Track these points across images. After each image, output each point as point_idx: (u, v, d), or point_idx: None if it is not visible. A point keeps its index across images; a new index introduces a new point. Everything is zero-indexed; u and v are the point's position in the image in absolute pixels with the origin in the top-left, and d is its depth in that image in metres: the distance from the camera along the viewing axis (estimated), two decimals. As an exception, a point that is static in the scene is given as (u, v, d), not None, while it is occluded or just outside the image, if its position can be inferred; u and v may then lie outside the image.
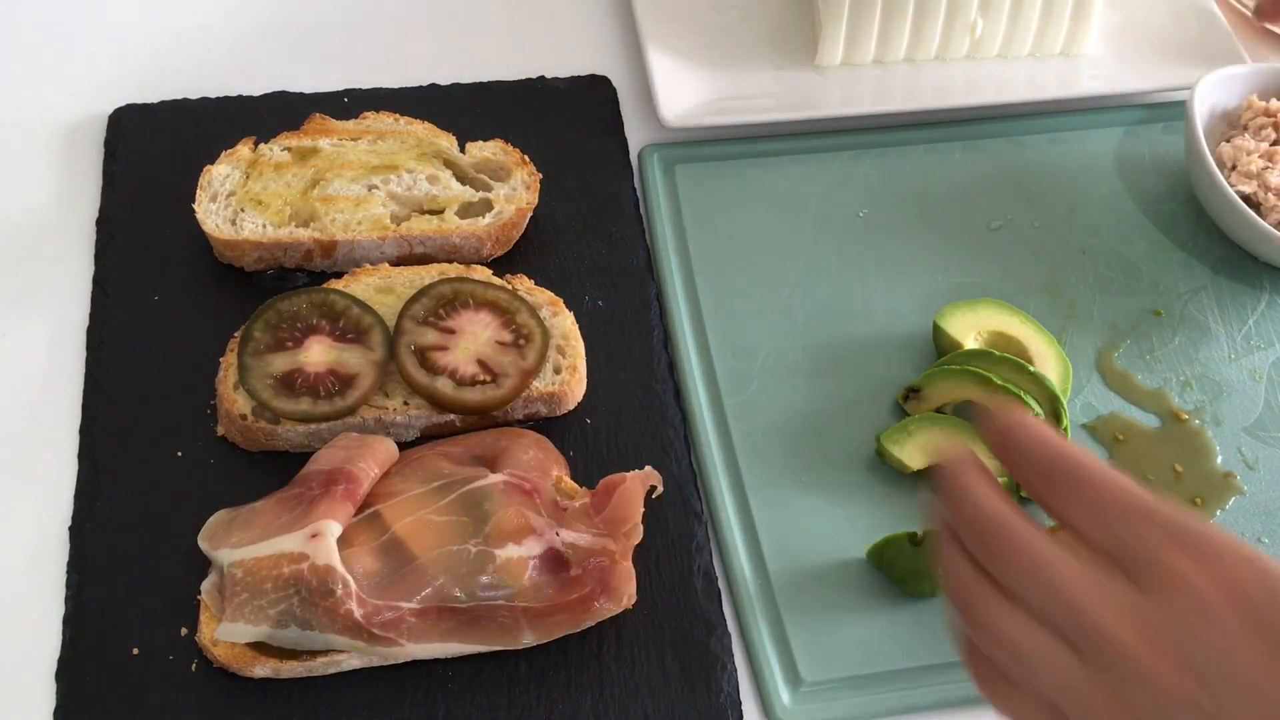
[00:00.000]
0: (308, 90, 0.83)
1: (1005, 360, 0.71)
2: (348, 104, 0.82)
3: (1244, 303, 0.80)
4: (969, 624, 0.49)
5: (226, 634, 0.58)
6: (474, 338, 0.68)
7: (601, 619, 0.61)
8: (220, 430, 0.68)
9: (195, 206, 0.73)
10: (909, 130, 0.85)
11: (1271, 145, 0.81)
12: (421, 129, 0.78)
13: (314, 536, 0.59)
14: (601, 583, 0.61)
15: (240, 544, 0.60)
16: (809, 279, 0.77)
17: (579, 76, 0.85)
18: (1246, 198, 0.79)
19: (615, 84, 0.85)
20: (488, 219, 0.74)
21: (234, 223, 0.73)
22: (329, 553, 0.58)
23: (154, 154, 0.79)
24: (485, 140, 0.78)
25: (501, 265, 0.75)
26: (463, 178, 0.77)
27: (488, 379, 0.67)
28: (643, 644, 0.64)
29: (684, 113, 0.80)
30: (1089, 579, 0.46)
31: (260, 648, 0.59)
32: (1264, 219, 0.78)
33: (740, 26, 0.86)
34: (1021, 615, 0.47)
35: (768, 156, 0.83)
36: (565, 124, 0.83)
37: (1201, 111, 0.81)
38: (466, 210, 0.76)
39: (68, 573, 0.64)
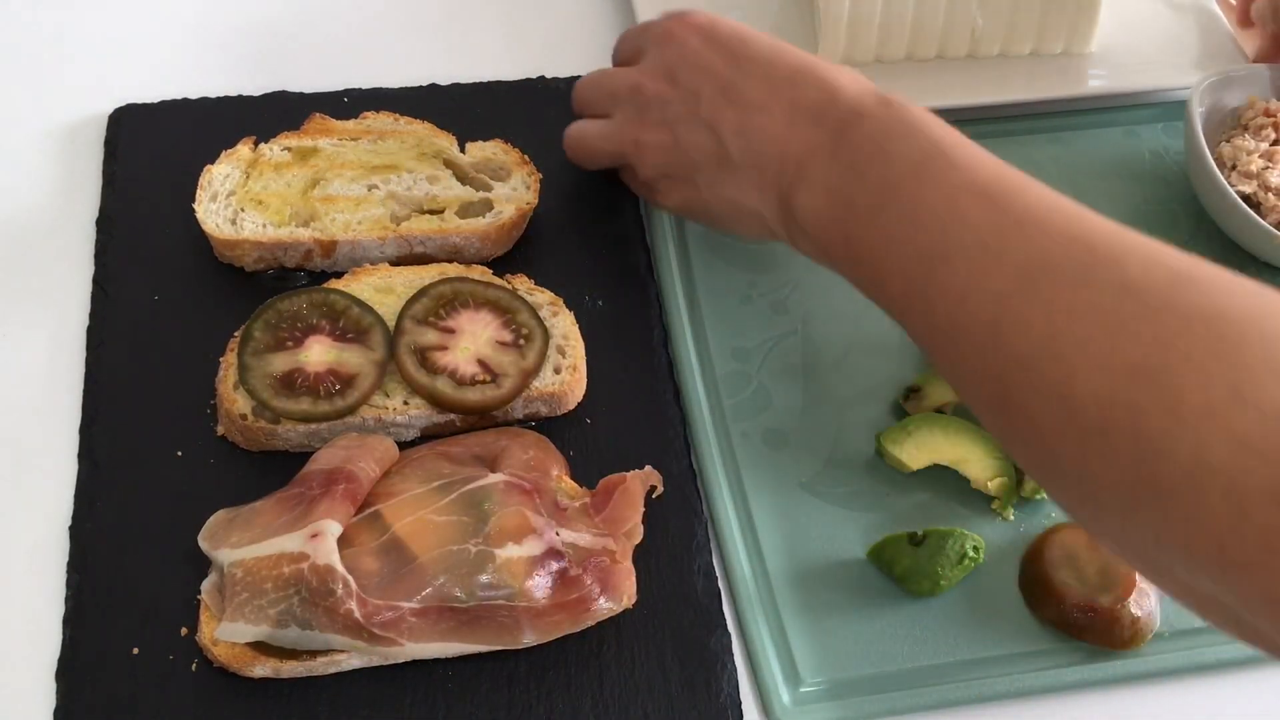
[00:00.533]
0: (308, 90, 0.83)
1: (1005, 360, 0.71)
2: (348, 104, 0.82)
3: (1244, 303, 0.79)
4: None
5: (226, 634, 0.58)
6: (474, 338, 0.68)
7: (601, 619, 0.61)
8: (220, 430, 0.68)
9: (195, 206, 0.73)
10: (909, 130, 0.85)
11: (1271, 145, 0.81)
12: (421, 129, 0.78)
13: (314, 536, 0.59)
14: (601, 583, 0.61)
15: (240, 544, 0.60)
16: (809, 278, 0.77)
17: (579, 76, 0.85)
18: (1246, 198, 0.79)
19: (615, 84, 0.85)
20: (488, 219, 0.74)
21: (234, 222, 0.73)
22: (329, 552, 0.58)
23: (154, 154, 0.79)
24: (485, 140, 0.78)
25: (501, 265, 0.75)
26: (463, 178, 0.77)
27: (488, 379, 0.67)
28: (643, 644, 0.64)
29: None
30: (620, 74, 0.73)
31: (260, 648, 0.59)
32: (1264, 219, 0.78)
33: None
34: (595, 122, 0.75)
35: (768, 156, 0.83)
36: (565, 124, 0.82)
37: (1201, 111, 0.81)
38: (466, 210, 0.76)
39: (68, 573, 0.64)
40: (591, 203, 0.79)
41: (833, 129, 0.61)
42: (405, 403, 0.68)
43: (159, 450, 0.67)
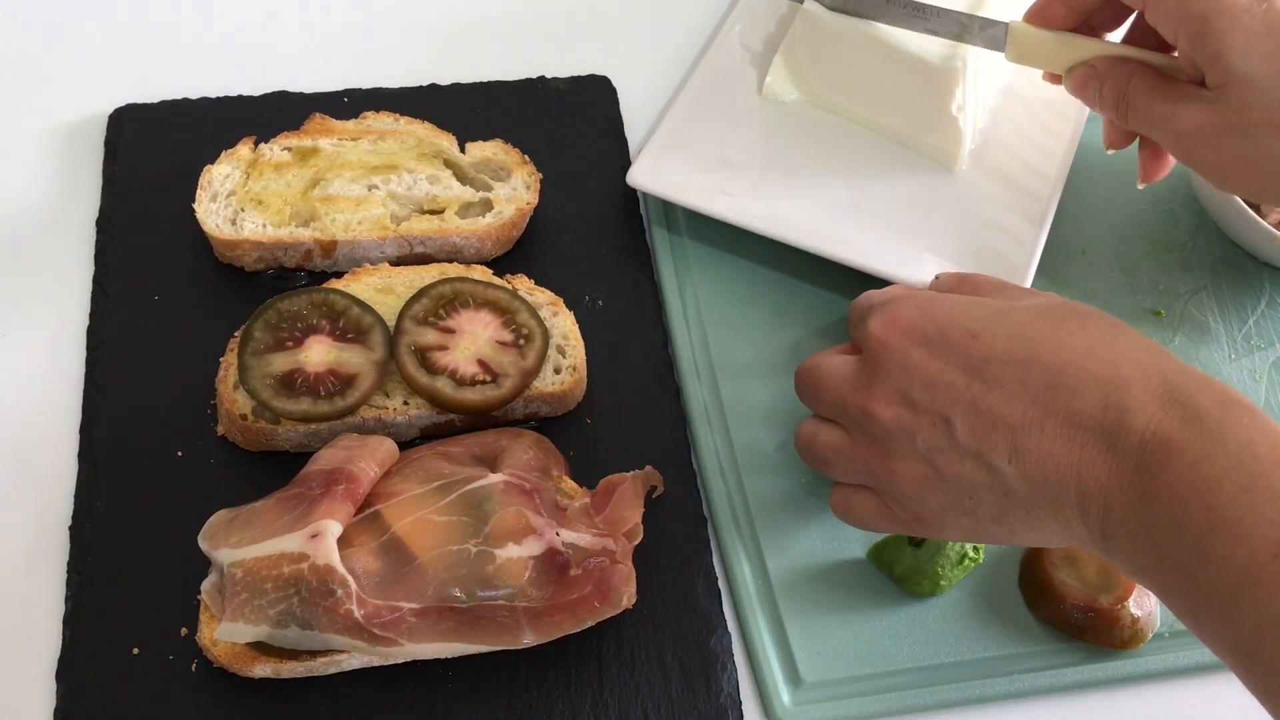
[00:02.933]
0: (308, 90, 0.83)
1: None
2: (348, 104, 0.82)
3: (1244, 303, 0.80)
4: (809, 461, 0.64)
5: (226, 634, 0.58)
6: (474, 338, 0.68)
7: (601, 619, 0.61)
8: (220, 430, 0.68)
9: (195, 206, 0.73)
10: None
11: (1271, 145, 0.81)
12: (421, 129, 0.78)
13: (314, 536, 0.59)
14: (601, 583, 0.61)
15: (240, 544, 0.60)
16: (809, 278, 0.77)
17: (579, 76, 0.85)
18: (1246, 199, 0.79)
19: (615, 84, 0.85)
20: (488, 219, 0.74)
21: (234, 223, 0.73)
22: (329, 553, 0.58)
23: (154, 154, 0.79)
24: (485, 140, 0.78)
25: (501, 265, 0.75)
26: (463, 178, 0.77)
27: (488, 379, 0.67)
28: (643, 644, 0.64)
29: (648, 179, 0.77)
30: (840, 374, 0.60)
31: (260, 648, 0.59)
32: (1264, 219, 0.78)
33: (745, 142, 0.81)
34: (825, 426, 0.62)
35: (768, 156, 0.83)
36: (565, 124, 0.83)
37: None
38: (467, 210, 0.76)
39: (68, 573, 0.64)
40: (591, 203, 0.79)
41: (1134, 462, 0.51)
42: (405, 403, 0.68)
43: (159, 450, 0.67)
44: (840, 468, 0.61)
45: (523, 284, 0.72)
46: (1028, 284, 0.74)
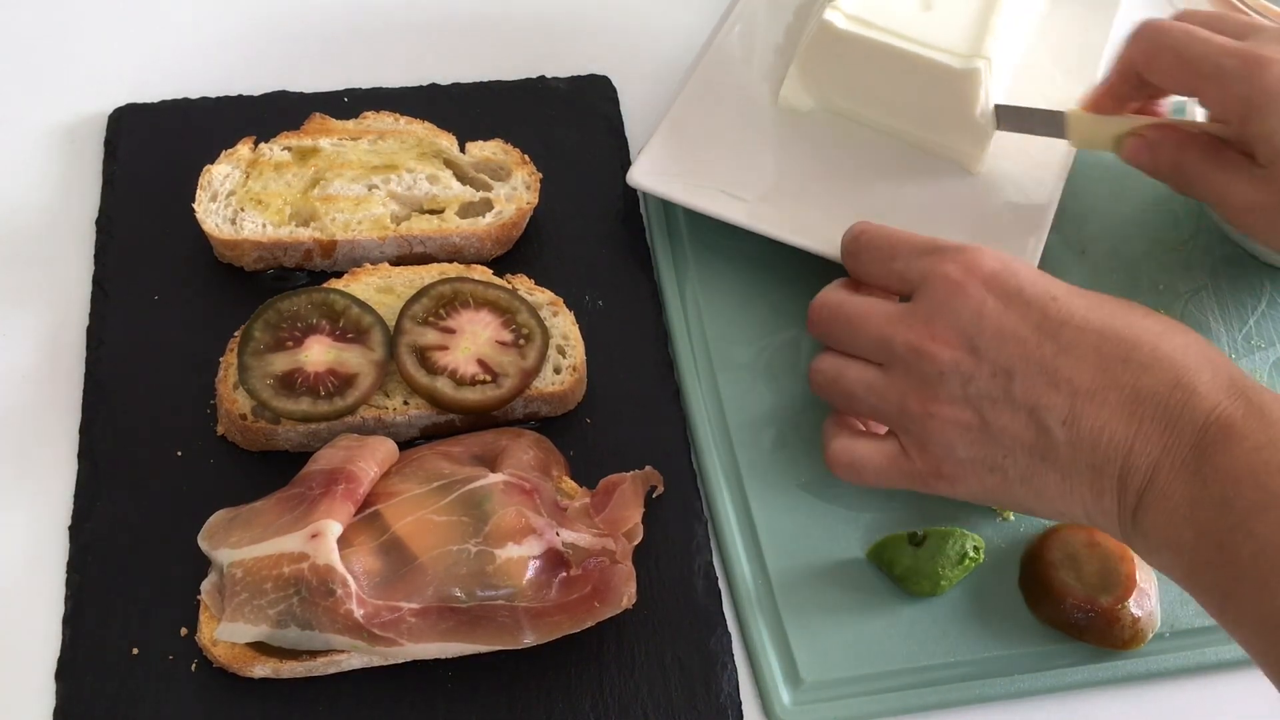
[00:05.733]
0: (308, 90, 0.83)
1: (1005, 360, 0.71)
2: (348, 104, 0.82)
3: (1244, 303, 0.80)
4: (828, 398, 0.64)
5: (226, 634, 0.58)
6: (474, 337, 0.68)
7: (601, 619, 0.61)
8: (220, 430, 0.68)
9: (195, 206, 0.73)
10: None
11: (1271, 145, 0.81)
12: (421, 129, 0.78)
13: (314, 536, 0.59)
14: (601, 583, 0.61)
15: (240, 544, 0.60)
16: (809, 278, 0.77)
17: (579, 76, 0.85)
18: (1246, 198, 0.79)
19: (615, 84, 0.85)
20: (488, 219, 0.74)
21: (234, 222, 0.73)
22: (329, 552, 0.58)
23: (154, 154, 0.79)
24: (485, 140, 0.78)
25: (501, 265, 0.75)
26: (463, 178, 0.77)
27: (488, 379, 0.67)
28: (643, 644, 0.64)
29: (650, 180, 0.76)
30: (882, 312, 0.60)
31: (260, 648, 0.59)
32: (1264, 219, 0.78)
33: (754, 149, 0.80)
34: (855, 363, 0.62)
35: (768, 156, 0.83)
36: (565, 124, 0.83)
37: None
38: (467, 210, 0.76)
39: (68, 573, 0.64)
40: (591, 203, 0.79)
41: (1191, 440, 0.53)
42: (405, 403, 0.68)
43: (159, 450, 0.67)
44: (868, 404, 0.61)
45: (523, 284, 0.72)
46: None
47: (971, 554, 0.66)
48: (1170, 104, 0.71)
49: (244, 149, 0.76)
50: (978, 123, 0.76)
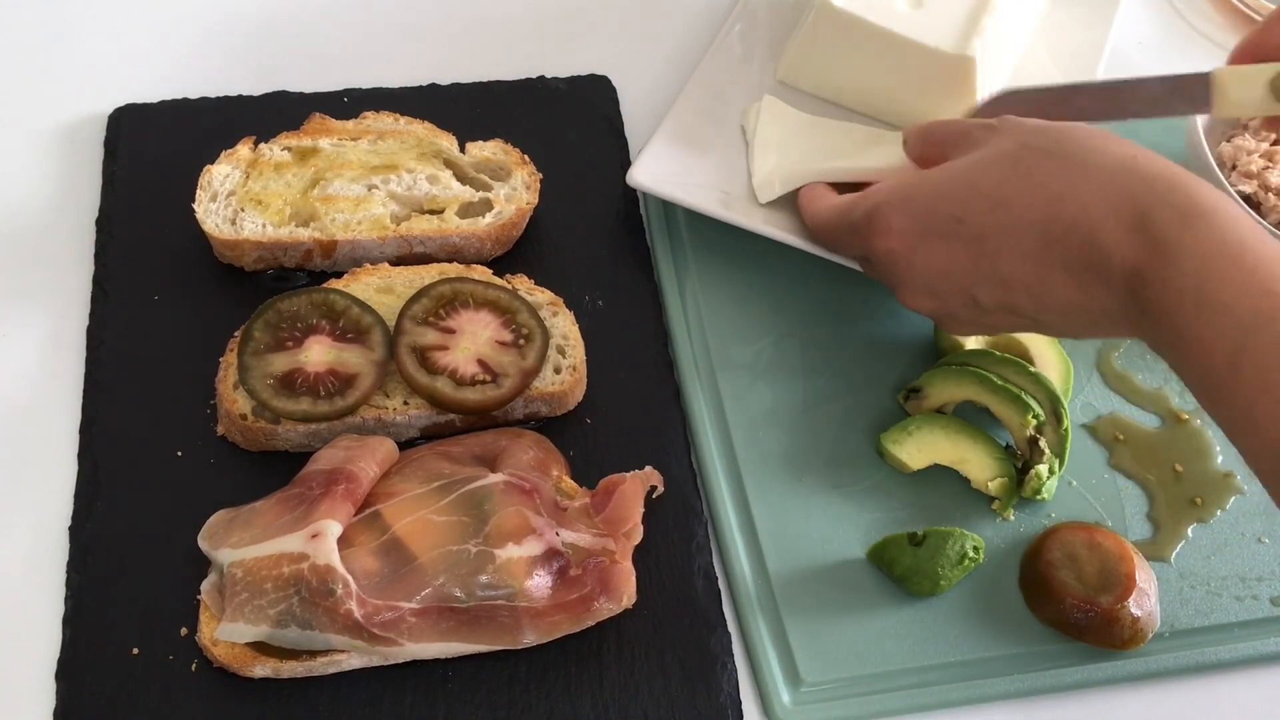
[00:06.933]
0: (308, 90, 0.83)
1: (1006, 360, 0.71)
2: (348, 104, 0.82)
3: (1244, 303, 0.79)
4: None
5: (226, 634, 0.58)
6: (474, 338, 0.68)
7: (601, 619, 0.61)
8: (220, 430, 0.68)
9: (195, 206, 0.73)
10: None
11: (1272, 145, 0.81)
12: (421, 129, 0.78)
13: (314, 536, 0.59)
14: (601, 583, 0.61)
15: (240, 544, 0.60)
16: (809, 278, 0.77)
17: (579, 76, 0.85)
18: (1246, 198, 0.79)
19: (615, 84, 0.85)
20: (488, 219, 0.74)
21: (234, 223, 0.73)
22: (329, 553, 0.58)
23: (154, 154, 0.79)
24: (485, 140, 0.78)
25: (501, 265, 0.75)
26: (463, 178, 0.77)
27: (488, 379, 0.67)
28: (643, 644, 0.64)
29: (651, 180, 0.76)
30: (867, 262, 0.67)
31: (260, 648, 0.59)
32: (1264, 219, 0.78)
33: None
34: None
35: (768, 156, 0.83)
36: (565, 124, 0.83)
37: None
38: (467, 210, 0.76)
39: (68, 573, 0.64)
40: (591, 203, 0.79)
41: (1125, 292, 0.56)
42: (405, 403, 0.68)
43: (159, 450, 0.67)
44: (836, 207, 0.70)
45: (523, 284, 0.72)
46: None
47: (971, 554, 0.66)
48: None
49: (244, 149, 0.76)
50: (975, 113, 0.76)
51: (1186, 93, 0.65)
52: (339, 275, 0.72)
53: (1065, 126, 0.61)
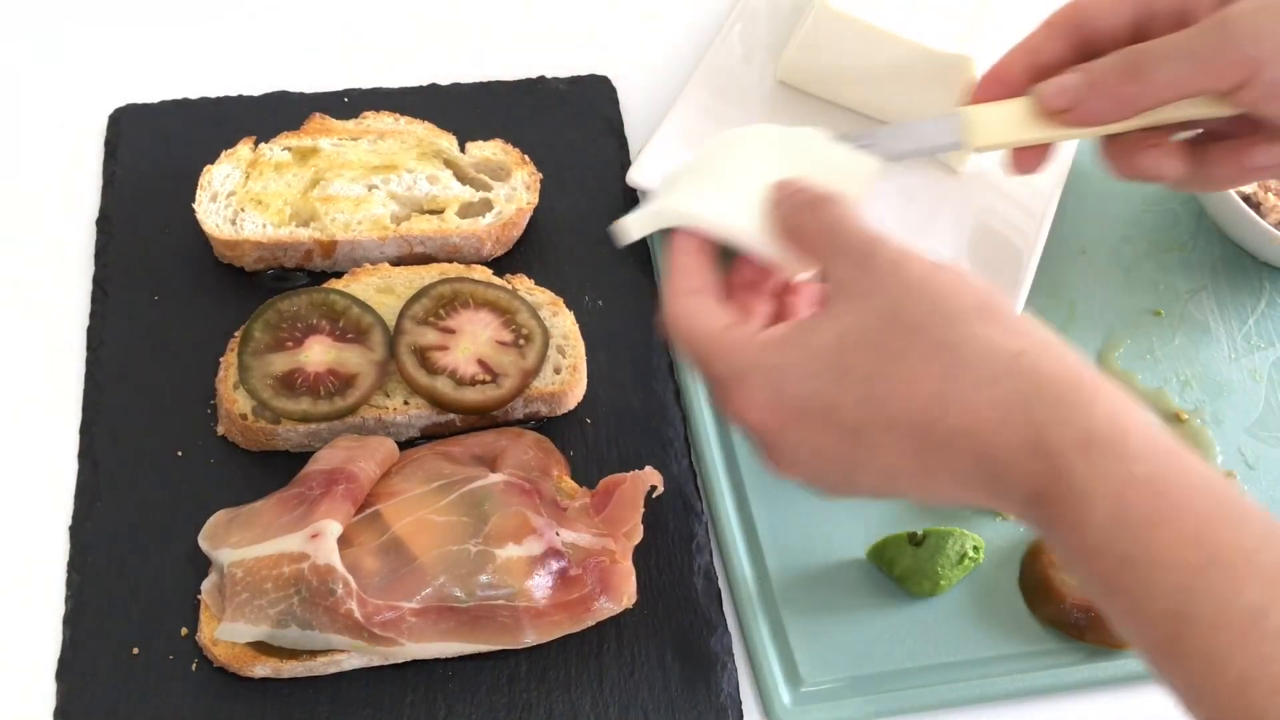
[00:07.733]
0: (308, 90, 0.83)
1: (1005, 360, 0.71)
2: (348, 104, 0.82)
3: (1244, 303, 0.80)
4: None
5: (226, 634, 0.58)
6: (474, 337, 0.68)
7: (601, 619, 0.61)
8: (220, 430, 0.68)
9: (195, 206, 0.73)
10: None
11: (1271, 145, 0.81)
12: (421, 129, 0.78)
13: (314, 536, 0.59)
14: (601, 583, 0.61)
15: (240, 544, 0.60)
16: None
17: (579, 76, 0.85)
18: (1246, 198, 0.79)
19: (615, 84, 0.85)
20: (488, 219, 0.74)
21: (234, 222, 0.73)
22: (329, 552, 0.58)
23: (154, 154, 0.79)
24: (485, 140, 0.78)
25: (501, 265, 0.75)
26: (463, 178, 0.77)
27: (488, 379, 0.67)
28: (643, 644, 0.64)
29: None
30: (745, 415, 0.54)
31: (260, 647, 0.59)
32: (1264, 219, 0.78)
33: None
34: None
35: (768, 156, 0.83)
36: (565, 124, 0.83)
37: None
38: (466, 210, 0.76)
39: (68, 573, 0.64)
40: (591, 203, 0.79)
41: (1029, 517, 0.50)
42: (405, 403, 0.68)
43: (159, 450, 0.67)
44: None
45: (523, 284, 0.72)
46: (1027, 284, 0.74)
47: (971, 554, 0.66)
48: None
49: (244, 149, 0.76)
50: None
51: (950, 132, 0.62)
52: (339, 275, 0.72)
53: (943, 288, 0.51)
